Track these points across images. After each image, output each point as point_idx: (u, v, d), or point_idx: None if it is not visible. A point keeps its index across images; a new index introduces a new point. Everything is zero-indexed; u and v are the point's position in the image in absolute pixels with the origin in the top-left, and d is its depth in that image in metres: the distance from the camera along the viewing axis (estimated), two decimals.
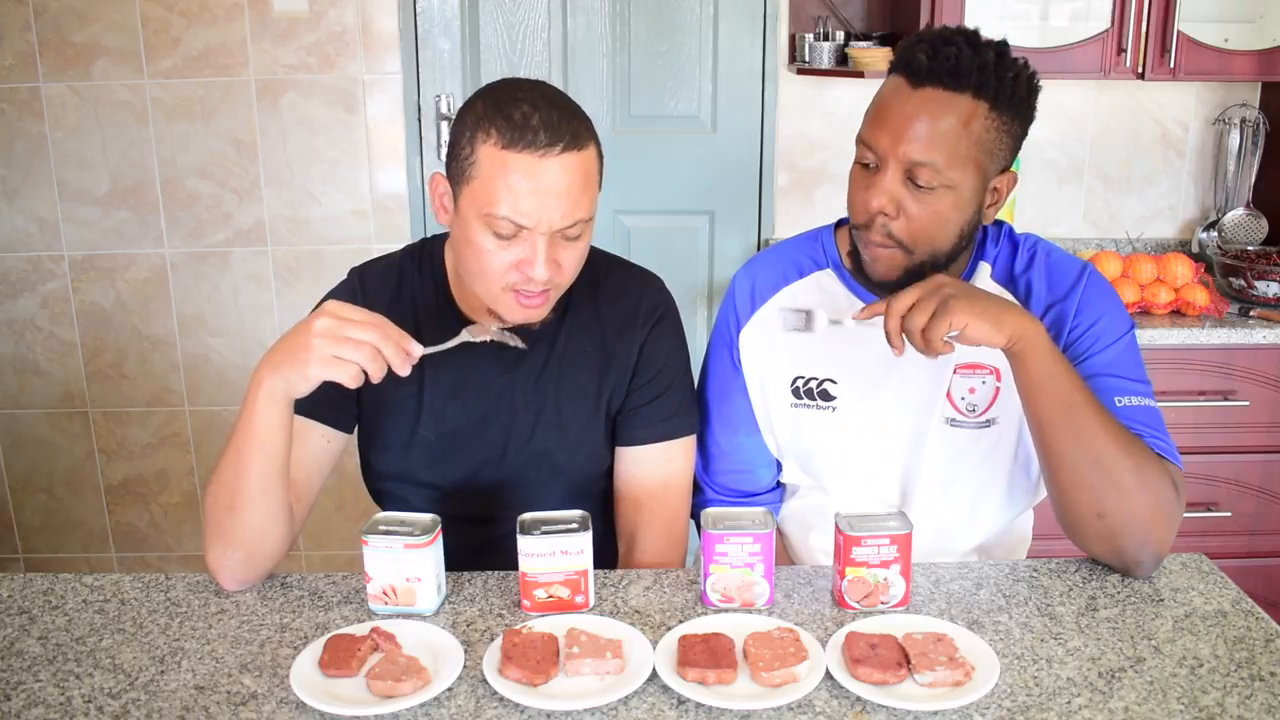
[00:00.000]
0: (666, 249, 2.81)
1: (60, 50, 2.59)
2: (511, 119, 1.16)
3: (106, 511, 2.90)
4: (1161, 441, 1.25)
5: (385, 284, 1.37)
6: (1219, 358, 2.33)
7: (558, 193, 1.17)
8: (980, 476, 1.37)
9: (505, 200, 1.17)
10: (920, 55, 1.21)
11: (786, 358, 1.40)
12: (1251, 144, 2.70)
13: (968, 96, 1.20)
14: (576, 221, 1.20)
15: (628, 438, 1.38)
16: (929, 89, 1.20)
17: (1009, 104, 1.22)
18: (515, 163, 1.16)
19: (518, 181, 1.16)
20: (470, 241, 1.22)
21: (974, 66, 1.19)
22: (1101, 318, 1.30)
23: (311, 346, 1.10)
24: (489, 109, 1.18)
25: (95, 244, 2.72)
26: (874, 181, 1.24)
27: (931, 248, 1.26)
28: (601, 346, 1.36)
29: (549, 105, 1.18)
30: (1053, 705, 1.00)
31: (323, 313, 1.12)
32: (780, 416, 1.42)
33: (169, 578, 1.26)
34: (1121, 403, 1.25)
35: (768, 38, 2.72)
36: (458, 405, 1.35)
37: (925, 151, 1.20)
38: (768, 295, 1.42)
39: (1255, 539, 2.45)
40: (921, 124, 1.20)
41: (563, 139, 1.16)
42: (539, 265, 1.19)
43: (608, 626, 1.11)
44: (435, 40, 2.69)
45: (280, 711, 1.00)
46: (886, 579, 1.16)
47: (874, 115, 1.25)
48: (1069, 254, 1.39)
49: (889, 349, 1.34)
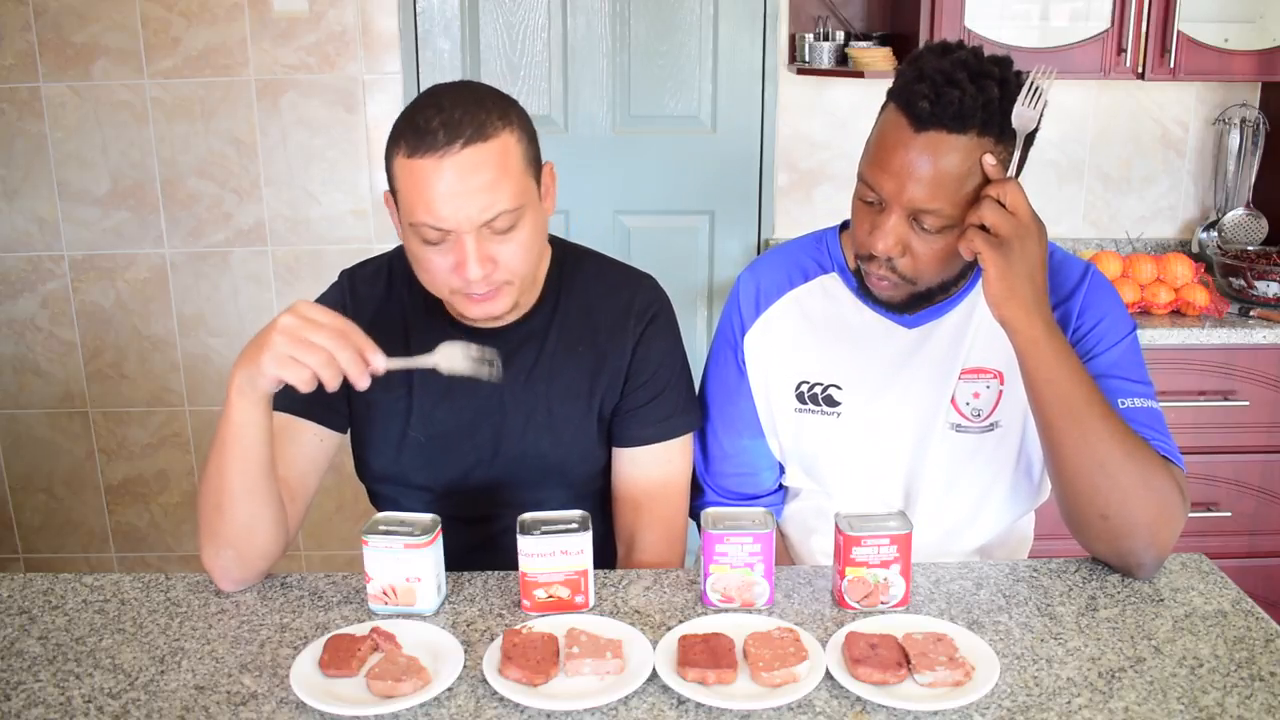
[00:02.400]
0: (666, 249, 2.81)
1: (60, 50, 2.59)
2: (416, 126, 1.16)
3: (106, 511, 2.90)
4: (1165, 444, 1.25)
5: (375, 284, 1.37)
6: (1219, 358, 2.33)
7: (469, 189, 1.16)
8: (983, 480, 1.37)
9: (420, 207, 1.17)
10: (923, 102, 1.15)
11: (791, 362, 1.40)
12: (1251, 144, 2.70)
13: (972, 135, 1.16)
14: (499, 213, 1.18)
15: (625, 439, 1.37)
16: (932, 133, 1.16)
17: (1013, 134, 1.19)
18: (420, 168, 1.16)
19: (426, 186, 1.16)
20: (411, 252, 1.23)
21: (978, 106, 1.15)
22: (1104, 319, 1.30)
23: (271, 344, 1.08)
24: (401, 121, 1.20)
25: (95, 244, 2.72)
26: (879, 223, 1.22)
27: (938, 279, 1.26)
28: (593, 346, 1.36)
29: (454, 103, 1.17)
30: (1053, 705, 1.00)
31: (290, 310, 1.10)
32: (784, 420, 1.41)
33: (169, 578, 1.26)
34: (1125, 404, 1.25)
35: (768, 38, 2.72)
36: (447, 406, 1.35)
37: (931, 199, 1.17)
38: (773, 298, 1.41)
39: (1255, 539, 2.45)
40: (925, 169, 1.17)
41: (463, 134, 1.15)
42: (471, 265, 1.18)
43: (608, 626, 1.11)
44: (435, 40, 2.69)
45: (280, 711, 1.00)
46: (886, 579, 1.16)
47: (875, 154, 1.22)
48: (1071, 254, 1.39)
49: (895, 355, 1.34)
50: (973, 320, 1.34)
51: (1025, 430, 1.35)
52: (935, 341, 1.35)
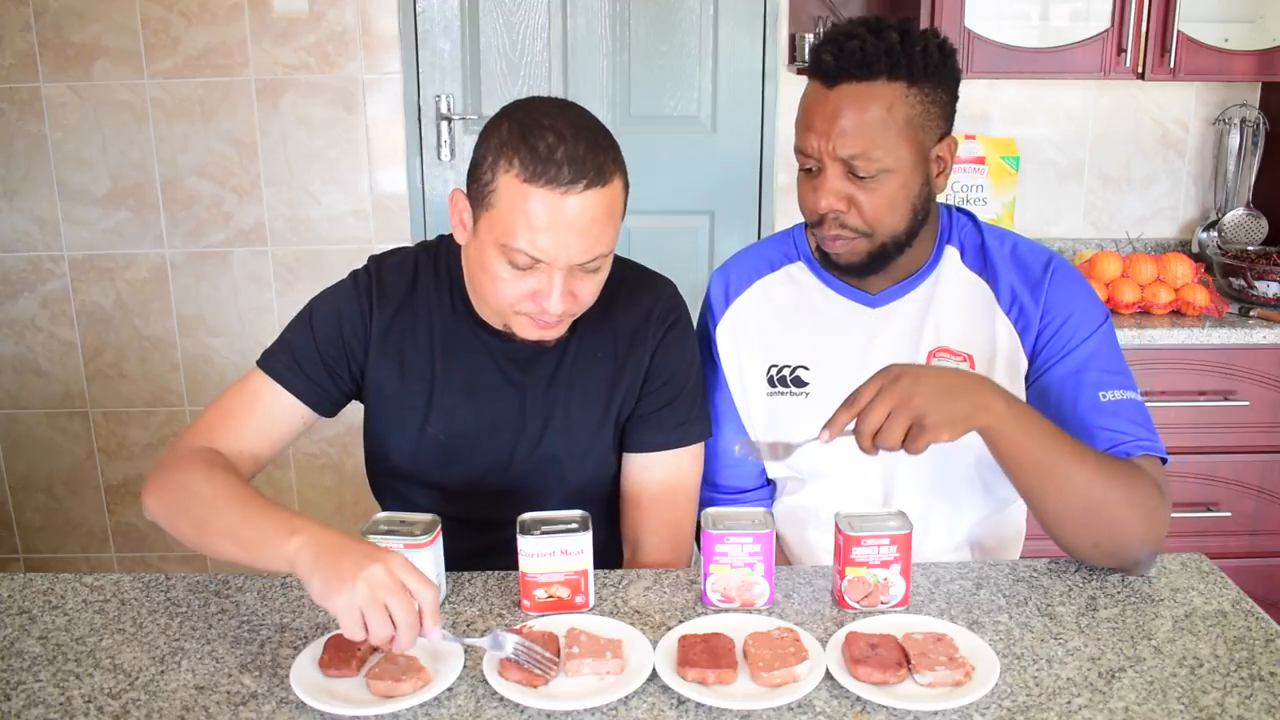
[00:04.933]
0: (666, 249, 2.81)
1: (60, 50, 2.59)
2: (536, 150, 1.13)
3: (106, 511, 2.90)
4: (1146, 435, 1.25)
5: (402, 275, 1.35)
6: (1219, 358, 2.33)
7: (579, 230, 1.15)
8: (955, 459, 1.36)
9: (523, 234, 1.15)
10: (827, 56, 1.24)
11: (762, 348, 1.43)
12: (1251, 144, 2.69)
13: (882, 82, 1.23)
14: (596, 256, 1.18)
15: (638, 444, 1.37)
16: (844, 85, 1.24)
17: (925, 76, 1.25)
18: (536, 197, 1.13)
19: (537, 217, 1.14)
20: (485, 267, 1.21)
21: (880, 52, 1.22)
22: (1074, 312, 1.31)
23: (353, 590, 0.99)
24: (513, 136, 1.15)
25: (95, 244, 2.72)
26: (818, 184, 1.28)
27: (889, 229, 1.29)
28: (614, 354, 1.35)
29: (575, 136, 1.14)
30: (1053, 705, 1.00)
31: (384, 562, 1.00)
32: (757, 405, 1.43)
33: (169, 578, 1.26)
34: (1105, 397, 1.26)
35: (768, 38, 2.72)
36: (469, 406, 1.34)
37: (856, 144, 1.23)
38: (742, 288, 1.46)
39: (1255, 539, 2.45)
40: (846, 119, 1.23)
41: (587, 175, 1.13)
42: (554, 299, 1.18)
43: (608, 626, 1.11)
44: (435, 40, 2.69)
45: (280, 711, 1.00)
46: (886, 579, 1.16)
47: (801, 122, 1.29)
48: (1035, 244, 1.39)
49: (861, 335, 1.36)
50: (935, 297, 1.36)
51: None
52: (900, 318, 1.37)
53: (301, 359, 1.31)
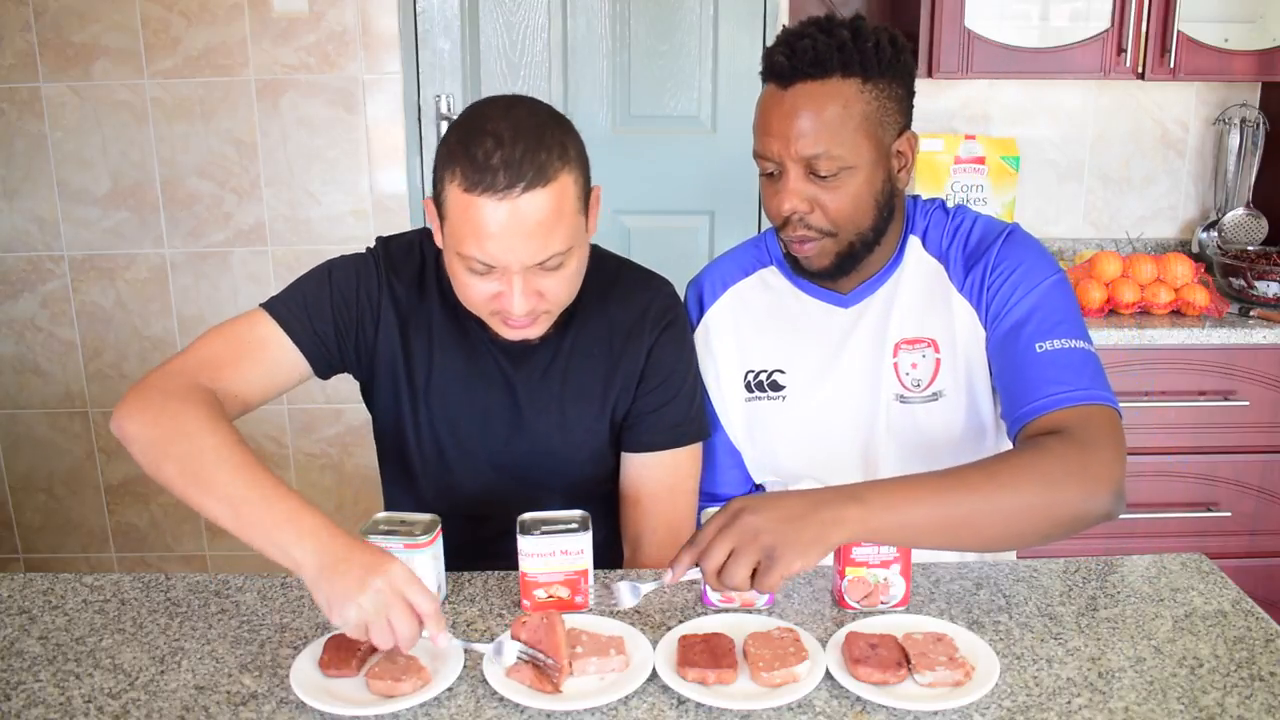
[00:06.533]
0: (666, 249, 2.81)
1: (60, 50, 2.59)
2: (474, 158, 1.12)
3: (106, 511, 2.90)
4: (1085, 385, 1.19)
5: (410, 259, 1.36)
6: (1219, 358, 2.33)
7: (525, 233, 1.14)
8: (936, 450, 1.37)
9: (472, 242, 1.15)
10: (780, 57, 1.25)
11: (738, 353, 1.43)
12: (1251, 144, 2.70)
13: (836, 79, 1.23)
14: (552, 255, 1.17)
15: (636, 443, 1.37)
16: (798, 85, 1.24)
17: (879, 71, 1.25)
18: (476, 206, 1.13)
19: (481, 225, 1.13)
20: (453, 273, 1.22)
21: (832, 49, 1.22)
22: (1019, 267, 1.30)
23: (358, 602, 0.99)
24: (458, 145, 1.15)
25: (95, 244, 2.72)
26: (780, 186, 1.28)
27: (854, 227, 1.29)
28: (609, 350, 1.35)
29: (514, 139, 1.13)
30: (1053, 705, 1.00)
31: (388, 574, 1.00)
32: (736, 411, 1.44)
33: (169, 578, 1.26)
34: (1041, 348, 1.23)
35: (768, 38, 2.71)
36: (464, 394, 1.35)
37: (815, 144, 1.23)
38: (716, 296, 1.46)
39: (1255, 539, 2.45)
40: (803, 120, 1.23)
41: (525, 177, 1.12)
42: (516, 300, 1.18)
43: (608, 626, 1.11)
44: (435, 40, 2.69)
45: (280, 711, 1.00)
46: (886, 579, 1.16)
47: (759, 126, 1.29)
48: (994, 219, 1.38)
49: (835, 335, 1.36)
50: (899, 291, 1.36)
51: (970, 397, 1.35)
52: (870, 316, 1.37)
53: (314, 314, 1.29)
